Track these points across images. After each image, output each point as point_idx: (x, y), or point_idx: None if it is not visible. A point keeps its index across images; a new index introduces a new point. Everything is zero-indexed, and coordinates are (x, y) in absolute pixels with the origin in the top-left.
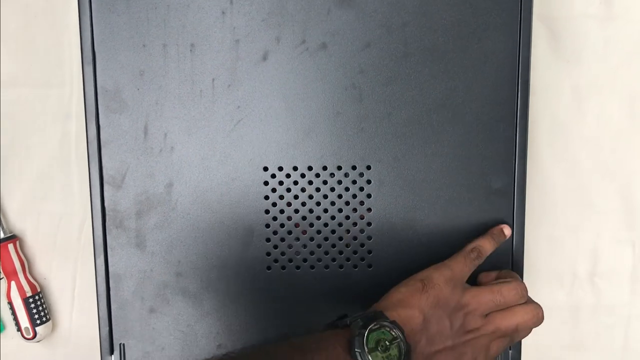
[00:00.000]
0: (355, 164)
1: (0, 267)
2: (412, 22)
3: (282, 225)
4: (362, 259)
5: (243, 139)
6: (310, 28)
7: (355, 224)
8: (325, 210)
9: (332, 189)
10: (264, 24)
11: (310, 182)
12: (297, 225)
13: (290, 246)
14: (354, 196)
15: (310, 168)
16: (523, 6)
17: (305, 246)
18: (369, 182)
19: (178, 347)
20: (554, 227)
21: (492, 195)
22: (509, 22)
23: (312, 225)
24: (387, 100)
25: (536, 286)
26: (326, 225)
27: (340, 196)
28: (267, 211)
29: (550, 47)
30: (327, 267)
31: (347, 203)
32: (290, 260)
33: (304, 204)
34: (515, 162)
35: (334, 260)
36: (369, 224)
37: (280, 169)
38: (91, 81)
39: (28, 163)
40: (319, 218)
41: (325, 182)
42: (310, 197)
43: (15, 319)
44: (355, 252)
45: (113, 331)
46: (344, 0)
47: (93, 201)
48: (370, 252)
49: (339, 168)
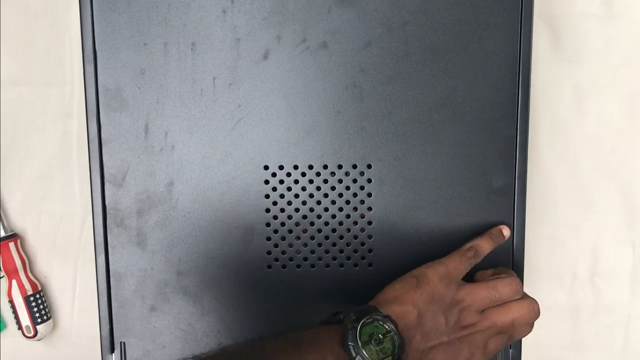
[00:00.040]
0: (356, 163)
1: (1, 265)
2: (412, 21)
3: (283, 224)
4: (363, 258)
5: (244, 137)
6: (311, 27)
7: (355, 223)
8: (326, 209)
9: (333, 188)
10: (264, 22)
11: (311, 181)
12: (297, 224)
13: (291, 245)
14: (355, 195)
15: (311, 167)
16: (524, 5)
17: (306, 245)
18: (369, 180)
19: (179, 346)
20: (554, 227)
21: (492, 194)
22: (510, 21)
23: (312, 224)
24: (387, 99)
25: (536, 286)
26: (327, 224)
27: (341, 195)
28: (267, 210)
29: (551, 46)
30: (327, 265)
31: (348, 202)
32: (291, 259)
33: (304, 203)
34: (515, 162)
35: (334, 259)
36: (370, 223)
37: (281, 167)
38: (92, 80)
39: (29, 162)
40: (319, 217)
41: (326, 181)
42: (311, 195)
43: (16, 317)
44: (356, 251)
45: (114, 330)
46: None
47: (94, 200)
48: (370, 251)
49: (340, 167)
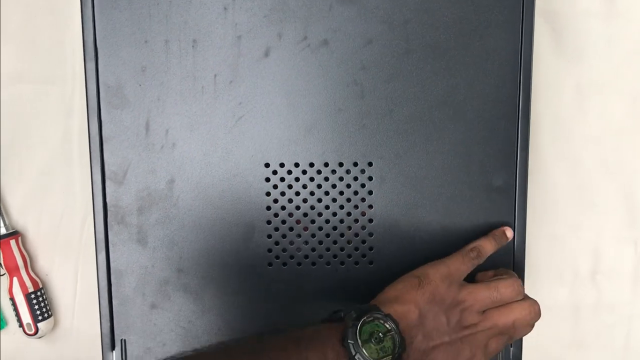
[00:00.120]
0: (356, 161)
1: (2, 263)
2: (414, 18)
3: (284, 222)
4: (364, 256)
5: (244, 135)
6: (312, 24)
7: (356, 221)
8: (327, 207)
9: (334, 186)
10: (265, 20)
11: (312, 179)
12: (298, 221)
13: (291, 243)
14: (356, 193)
15: (311, 164)
16: (525, 3)
17: (306, 243)
18: (370, 178)
19: (179, 343)
20: (555, 226)
21: (493, 192)
22: (511, 19)
23: (313, 221)
24: (388, 97)
25: (537, 285)
26: (327, 221)
27: (341, 193)
28: (268, 207)
29: (553, 45)
30: (328, 263)
31: (349, 200)
32: (292, 257)
33: (305, 201)
34: (516, 160)
35: (335, 256)
36: (371, 221)
37: (282, 165)
38: (93, 77)
39: (30, 159)
40: (320, 215)
41: (326, 179)
42: (312, 193)
43: (17, 314)
44: (357, 249)
45: (114, 327)
46: None
47: (95, 197)
48: (371, 249)
49: (341, 164)
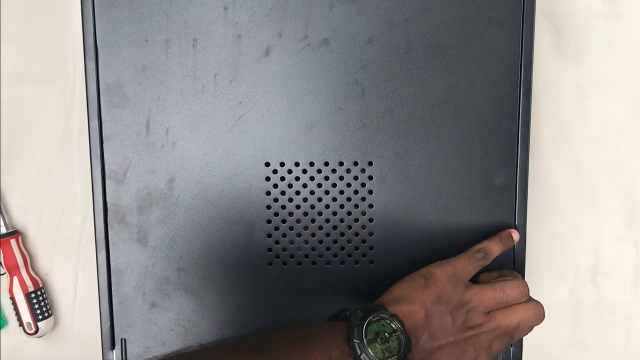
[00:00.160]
0: (357, 160)
1: (2, 262)
2: (414, 17)
3: (284, 221)
4: (364, 255)
5: (245, 134)
6: (312, 23)
7: (357, 220)
8: (327, 206)
9: (334, 185)
10: (266, 19)
11: (312, 178)
12: (298, 221)
13: (291, 242)
14: (356, 192)
15: (312, 164)
16: (526, 2)
17: (306, 242)
18: (370, 178)
19: (179, 342)
20: (555, 226)
21: (493, 192)
22: (512, 18)
23: (313, 221)
24: (389, 96)
25: (537, 284)
26: (328, 221)
27: (342, 192)
28: (268, 207)
29: (553, 44)
30: (328, 263)
31: (349, 199)
32: (292, 256)
33: (305, 200)
34: (517, 159)
35: (335, 256)
36: (371, 220)
37: (282, 164)
38: (93, 76)
39: (30, 158)
40: (320, 214)
41: (327, 178)
42: (312, 193)
43: (18, 314)
44: (357, 248)
45: (114, 326)
46: None
47: (95, 196)
48: (372, 249)
49: (341, 164)
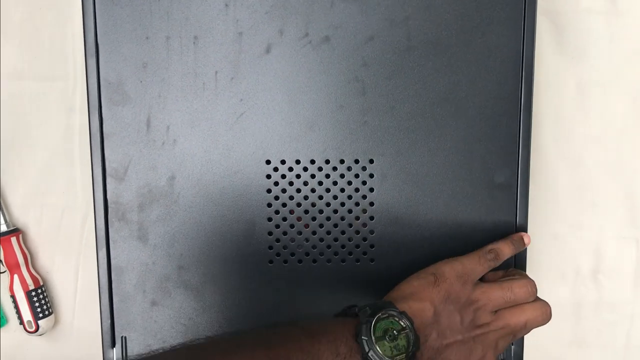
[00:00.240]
0: (358, 158)
1: (3, 260)
2: (415, 15)
3: (285, 219)
4: (365, 253)
5: (245, 132)
6: (313, 21)
7: (357, 218)
8: (328, 204)
9: (335, 183)
10: (267, 16)
11: (313, 176)
12: (299, 218)
13: (292, 240)
14: (357, 190)
15: (312, 161)
16: (527, 0)
17: (307, 240)
18: (371, 175)
19: (180, 340)
20: (556, 225)
21: (495, 190)
22: (513, 16)
23: (314, 219)
24: (390, 93)
25: (538, 283)
26: (329, 219)
27: (342, 190)
28: (269, 204)
29: (554, 43)
30: (329, 261)
31: (350, 197)
32: (293, 254)
33: (306, 198)
34: (518, 157)
35: (336, 254)
36: (372, 218)
37: (283, 162)
38: (94, 74)
39: (31, 156)
40: (321, 212)
41: (327, 176)
42: (313, 190)
43: (18, 312)
44: (358, 246)
45: (115, 324)
46: None
47: (95, 194)
48: (372, 246)
49: (342, 161)
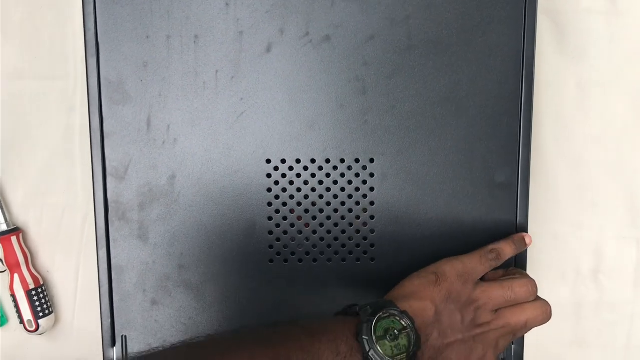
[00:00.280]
0: (358, 157)
1: (3, 259)
2: (416, 14)
3: (285, 218)
4: (365, 253)
5: (246, 131)
6: (314, 20)
7: (358, 217)
8: (328, 204)
9: (335, 182)
10: (267, 15)
11: (313, 175)
12: (299, 218)
13: (292, 239)
14: (357, 189)
15: (313, 161)
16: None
17: (307, 239)
18: (372, 175)
19: (180, 339)
20: (556, 224)
21: (495, 189)
22: (514, 15)
23: (315, 218)
24: (390, 93)
25: (539, 283)
26: (329, 218)
27: (343, 189)
28: (269, 204)
29: (555, 42)
30: (329, 260)
31: (350, 196)
32: (293, 253)
33: (306, 197)
34: (519, 157)
35: (336, 253)
36: (372, 217)
37: (283, 161)
38: (95, 73)
39: (31, 155)
40: (321, 211)
41: (328, 175)
42: (313, 190)
43: (18, 311)
44: (358, 246)
45: (115, 323)
46: None
47: (96, 193)
48: (373, 246)
49: (342, 161)
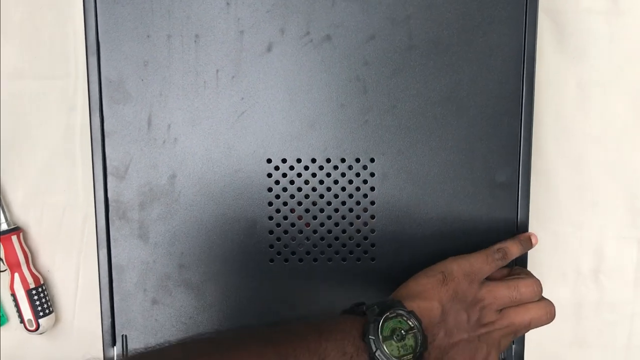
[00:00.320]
0: (359, 157)
1: (3, 259)
2: (416, 14)
3: (285, 218)
4: (366, 252)
5: (247, 130)
6: (314, 20)
7: (358, 217)
8: (329, 203)
9: (336, 182)
10: (268, 15)
11: (314, 175)
12: (300, 217)
13: (293, 239)
14: (358, 189)
15: (313, 160)
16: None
17: (308, 239)
18: (372, 174)
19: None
20: (557, 224)
21: (496, 189)
22: (515, 15)
23: (315, 217)
24: (391, 92)
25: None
26: (330, 217)
27: (344, 189)
28: (270, 203)
29: (555, 42)
30: (330, 260)
31: (351, 196)
32: (293, 253)
33: (307, 197)
34: (519, 156)
35: (337, 253)
36: (373, 217)
37: (284, 161)
38: (95, 72)
39: (32, 155)
40: (322, 211)
41: (328, 175)
42: (314, 189)
43: (19, 310)
44: (359, 245)
45: (115, 323)
46: None
47: (96, 192)
48: (373, 245)
49: (343, 160)
